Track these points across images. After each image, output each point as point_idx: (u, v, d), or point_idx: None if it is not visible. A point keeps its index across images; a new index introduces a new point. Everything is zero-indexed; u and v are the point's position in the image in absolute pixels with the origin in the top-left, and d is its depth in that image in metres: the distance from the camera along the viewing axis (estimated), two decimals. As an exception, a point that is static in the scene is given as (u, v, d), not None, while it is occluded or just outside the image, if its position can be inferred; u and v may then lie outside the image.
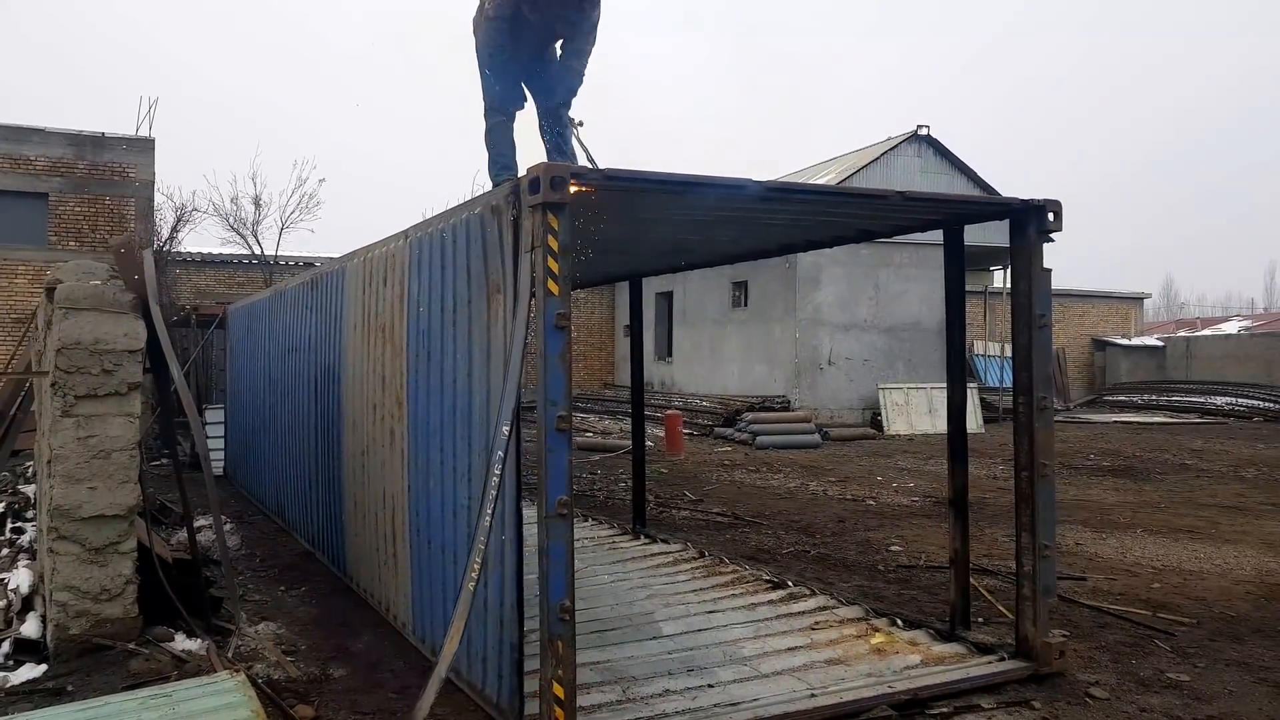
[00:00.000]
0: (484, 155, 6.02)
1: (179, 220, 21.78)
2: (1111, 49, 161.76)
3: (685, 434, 18.15)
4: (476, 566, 4.16)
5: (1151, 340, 32.03)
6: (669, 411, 18.70)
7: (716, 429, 20.34)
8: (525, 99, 6.07)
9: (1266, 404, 25.08)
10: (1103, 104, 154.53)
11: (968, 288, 25.27)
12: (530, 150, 6.17)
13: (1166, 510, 10.97)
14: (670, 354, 26.08)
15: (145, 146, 19.82)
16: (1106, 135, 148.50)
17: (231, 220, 23.92)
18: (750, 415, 19.73)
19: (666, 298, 26.18)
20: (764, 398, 21.53)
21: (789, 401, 21.37)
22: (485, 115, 6.03)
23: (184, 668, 5.14)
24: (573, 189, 4.21)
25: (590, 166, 5.58)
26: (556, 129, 6.11)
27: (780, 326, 22.21)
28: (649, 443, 16.96)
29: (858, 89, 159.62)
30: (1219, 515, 10.59)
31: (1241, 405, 25.46)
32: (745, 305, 23.41)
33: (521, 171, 5.59)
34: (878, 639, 5.76)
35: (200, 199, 36.52)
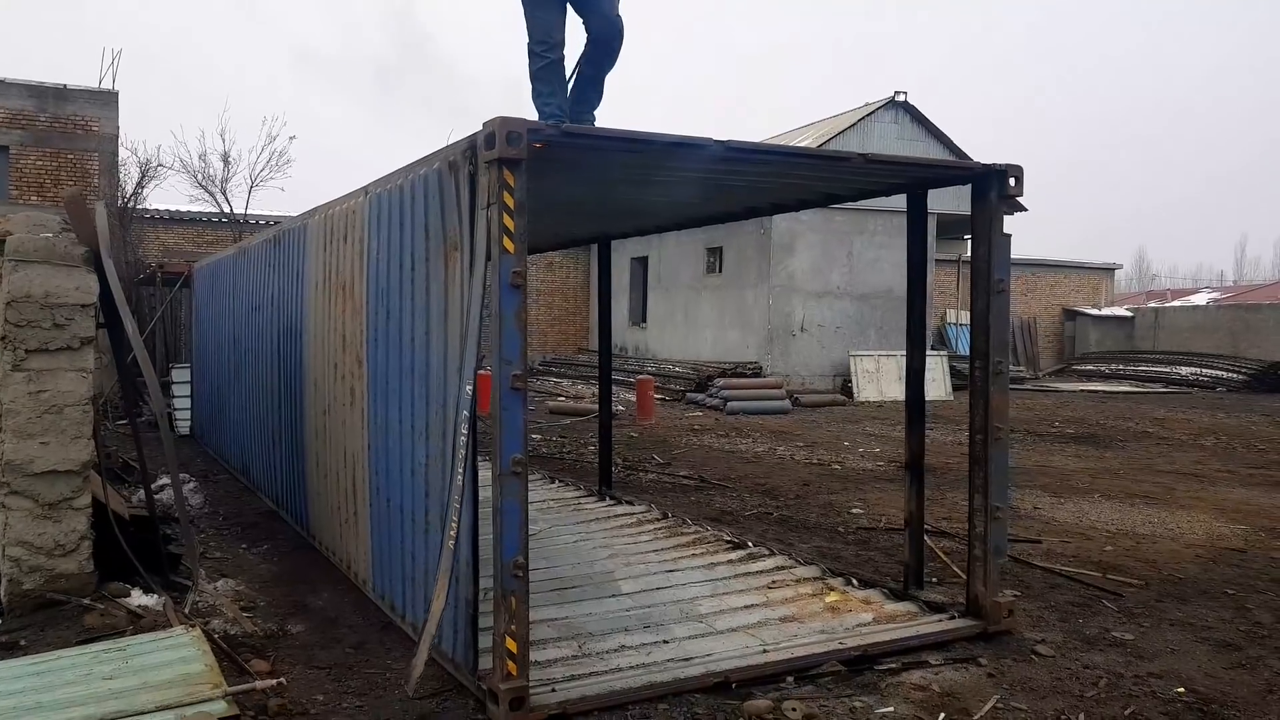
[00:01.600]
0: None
1: (144, 176, 21.40)
2: (1095, 23, 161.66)
3: (657, 399, 18.21)
4: (455, 525, 4.19)
5: (1121, 311, 32.38)
6: (640, 377, 18.72)
7: (688, 395, 20.41)
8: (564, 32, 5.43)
9: (1229, 374, 25.47)
10: (1083, 76, 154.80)
11: (942, 256, 25.33)
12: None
13: (1125, 477, 11.15)
14: (644, 319, 26.06)
15: (109, 100, 19.44)
16: (1085, 107, 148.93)
17: (200, 177, 23.55)
18: (722, 381, 19.81)
19: (642, 263, 26.12)
20: (737, 364, 21.60)
21: (761, 368, 21.46)
22: (528, 54, 5.52)
23: (139, 623, 5.13)
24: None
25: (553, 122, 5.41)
26: (599, 65, 5.46)
27: (754, 293, 22.24)
28: (620, 408, 17.03)
29: (838, 54, 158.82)
30: (1176, 482, 10.79)
31: (1206, 375, 25.85)
32: (720, 271, 23.41)
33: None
34: (832, 598, 5.84)
35: (167, 155, 36.01)
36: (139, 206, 21.22)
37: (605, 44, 5.45)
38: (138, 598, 5.58)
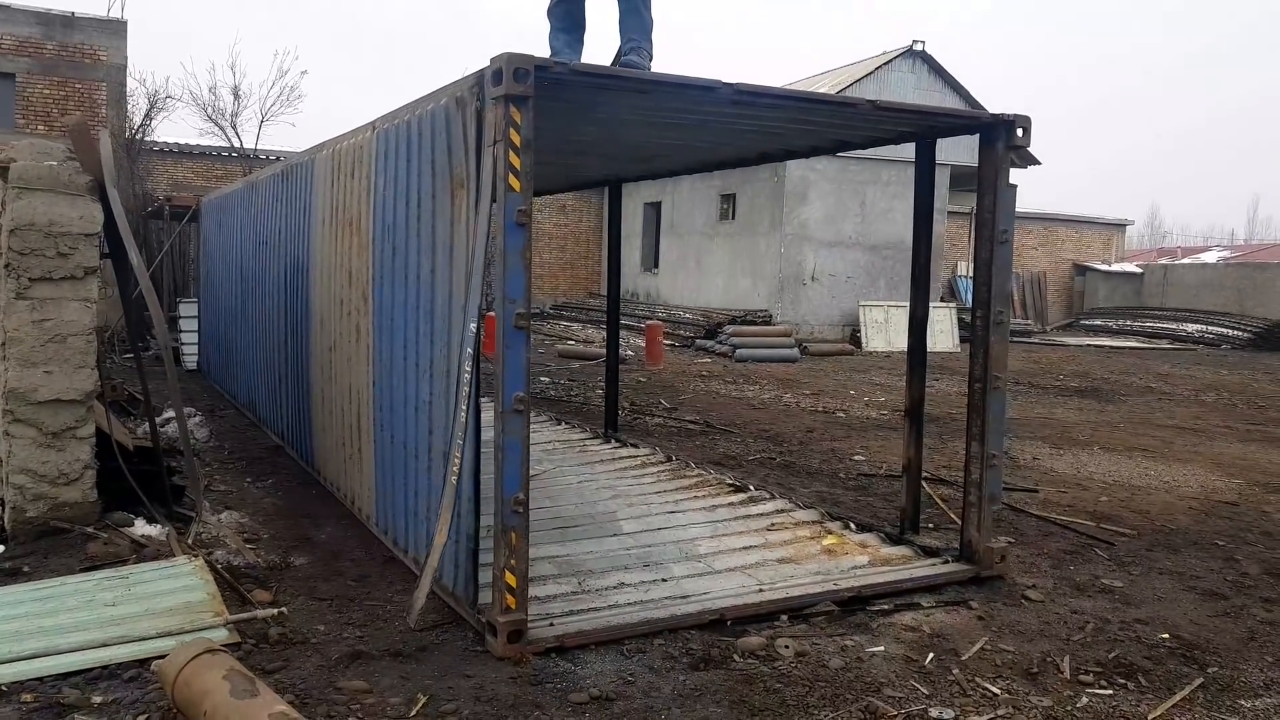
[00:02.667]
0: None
1: (152, 107, 21.26)
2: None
3: (666, 345, 18.24)
4: (457, 461, 4.25)
5: (1130, 267, 32.15)
6: (649, 322, 18.73)
7: (697, 341, 20.43)
8: None
9: (1235, 332, 25.38)
10: (1103, 33, 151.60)
11: (955, 209, 25.10)
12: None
13: (1125, 430, 11.19)
14: (656, 265, 25.97)
15: (118, 29, 19.21)
16: (1104, 62, 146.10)
17: (209, 110, 23.38)
18: (731, 328, 19.81)
19: (655, 208, 25.95)
20: (746, 311, 21.57)
21: (771, 316, 21.44)
22: None
23: (142, 552, 5.23)
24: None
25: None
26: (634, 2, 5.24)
27: (766, 240, 22.12)
28: (629, 352, 17.06)
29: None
30: (1174, 436, 10.82)
31: (1212, 333, 25.75)
32: (733, 218, 23.26)
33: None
34: (829, 540, 5.93)
35: (176, 87, 35.72)
36: (147, 138, 21.12)
37: None
38: (141, 527, 5.68)
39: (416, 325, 5.21)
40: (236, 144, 23.61)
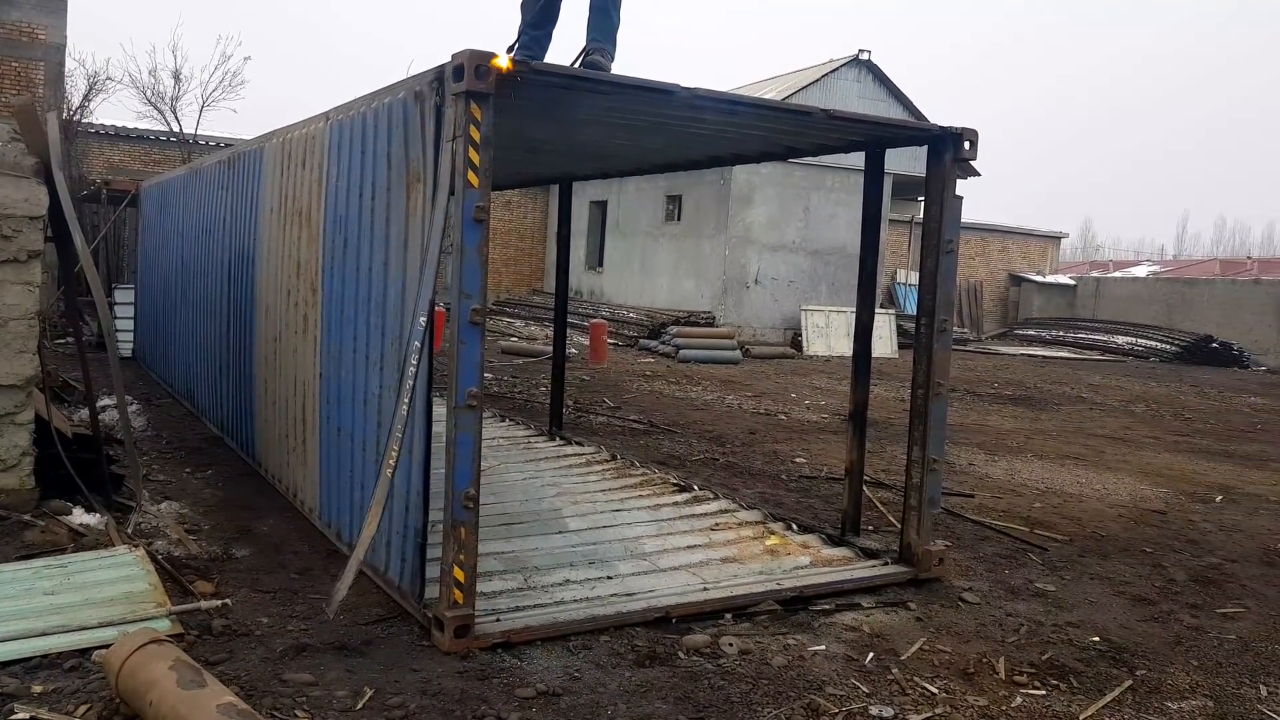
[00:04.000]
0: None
1: (91, 89, 20.66)
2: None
3: (610, 344, 18.28)
4: (394, 454, 4.22)
5: (1064, 279, 33.02)
6: (594, 320, 18.75)
7: (641, 340, 20.51)
8: None
9: (1163, 345, 26.21)
10: (1048, 51, 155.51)
11: (895, 217, 25.52)
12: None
13: (1058, 438, 11.53)
14: (601, 264, 25.99)
15: (57, 7, 18.60)
16: (1045, 81, 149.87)
17: (149, 94, 22.81)
18: (675, 329, 19.93)
19: (600, 207, 25.96)
20: (690, 312, 21.72)
21: (714, 317, 21.61)
22: None
23: (81, 541, 5.12)
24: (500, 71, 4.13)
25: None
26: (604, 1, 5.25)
27: (711, 243, 22.28)
28: (573, 350, 17.05)
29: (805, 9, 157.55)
30: (1105, 445, 11.19)
31: (1141, 345, 26.57)
32: (678, 219, 23.38)
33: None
34: (772, 541, 6.03)
35: (116, 69, 34.74)
36: (85, 120, 20.52)
37: None
38: (80, 516, 5.56)
39: (367, 318, 5.18)
40: (176, 129, 23.07)
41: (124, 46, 58.70)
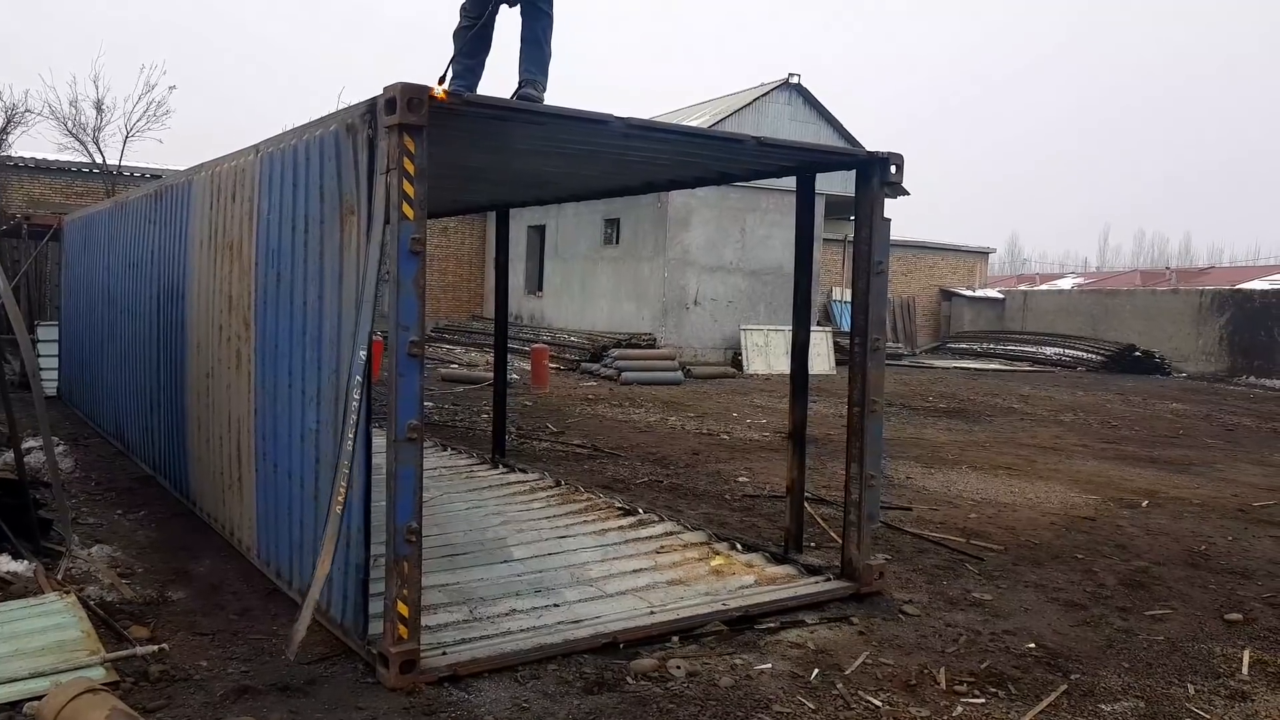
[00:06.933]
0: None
1: (9, 121, 20.10)
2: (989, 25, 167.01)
3: (552, 369, 18.25)
4: (343, 490, 4.18)
5: (993, 293, 33.89)
6: (535, 345, 18.72)
7: (583, 364, 20.50)
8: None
9: (1089, 355, 27.04)
10: (979, 72, 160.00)
11: (829, 236, 25.95)
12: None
13: (991, 449, 11.82)
14: (541, 288, 25.97)
15: (-31, 38, 18.12)
16: (971, 97, 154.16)
17: (70, 125, 22.17)
18: (616, 351, 19.97)
19: (539, 231, 25.97)
20: (631, 335, 21.79)
21: (655, 339, 21.71)
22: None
23: (9, 589, 4.96)
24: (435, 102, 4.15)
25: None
26: (528, 24, 5.46)
27: (650, 265, 22.43)
28: (515, 376, 16.97)
29: (731, 31, 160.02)
30: (1036, 454, 11.50)
31: (1068, 356, 27.36)
32: (617, 243, 23.50)
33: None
34: (717, 561, 6.08)
35: (35, 99, 33.72)
36: (3, 154, 19.94)
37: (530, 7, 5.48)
38: (6, 563, 5.38)
39: (303, 352, 5.12)
40: (99, 160, 22.52)
41: (43, 76, 57.16)
